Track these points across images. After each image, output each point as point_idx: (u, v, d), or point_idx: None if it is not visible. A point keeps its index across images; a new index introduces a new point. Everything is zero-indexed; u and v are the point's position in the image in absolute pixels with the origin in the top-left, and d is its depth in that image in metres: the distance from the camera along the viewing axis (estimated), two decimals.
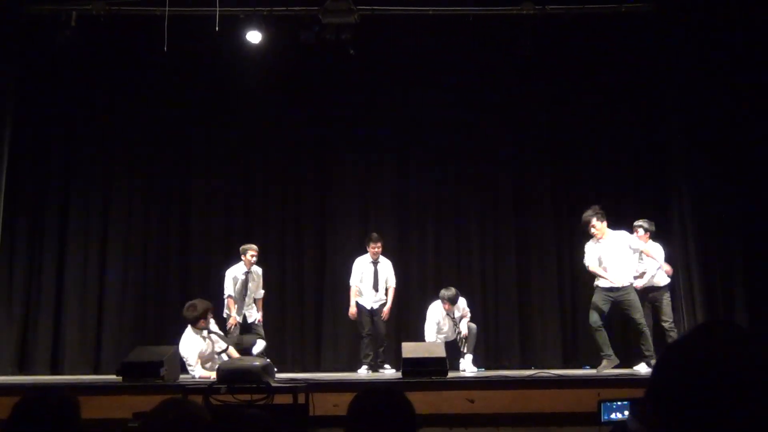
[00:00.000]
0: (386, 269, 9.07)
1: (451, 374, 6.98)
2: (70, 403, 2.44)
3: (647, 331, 7.81)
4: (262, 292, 8.95)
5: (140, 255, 10.00)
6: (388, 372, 8.70)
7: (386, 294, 9.05)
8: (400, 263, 9.69)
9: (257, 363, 5.37)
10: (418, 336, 8.78)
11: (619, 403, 4.04)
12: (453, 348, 8.46)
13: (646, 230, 8.28)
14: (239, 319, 8.69)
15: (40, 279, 9.74)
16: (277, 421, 1.98)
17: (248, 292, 8.76)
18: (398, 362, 7.86)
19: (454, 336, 8.67)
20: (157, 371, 6.67)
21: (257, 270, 8.89)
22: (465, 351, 8.56)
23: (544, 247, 10.03)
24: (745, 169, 9.17)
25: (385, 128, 10.28)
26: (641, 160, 10.10)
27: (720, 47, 9.14)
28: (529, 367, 9.06)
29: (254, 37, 9.24)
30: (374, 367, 8.81)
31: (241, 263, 8.78)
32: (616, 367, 7.78)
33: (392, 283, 9.08)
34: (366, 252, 9.07)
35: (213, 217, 10.21)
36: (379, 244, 8.95)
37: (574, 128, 10.18)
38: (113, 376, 7.27)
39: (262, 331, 8.77)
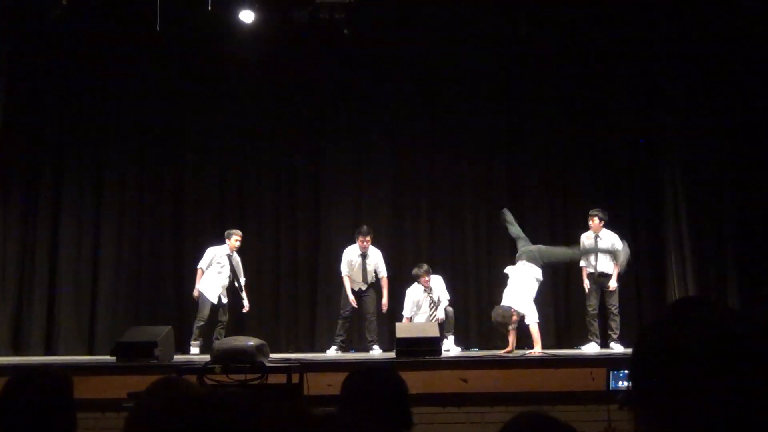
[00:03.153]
0: (375, 259, 9.01)
1: None
2: (62, 382, 2.44)
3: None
4: (243, 279, 9.05)
5: (134, 236, 9.98)
6: (377, 353, 8.73)
7: (380, 284, 9.02)
8: (393, 248, 9.70)
9: (252, 343, 5.38)
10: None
11: (627, 372, 4.18)
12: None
13: (600, 219, 8.46)
14: (214, 299, 8.82)
15: (33, 259, 9.72)
16: (269, 400, 1.98)
17: (226, 275, 8.88)
18: (392, 343, 7.89)
19: (432, 317, 8.71)
20: (152, 351, 6.68)
21: (237, 257, 8.99)
22: (445, 332, 8.61)
23: (538, 230, 10.03)
24: (738, 155, 9.23)
25: (378, 110, 10.25)
26: (636, 147, 10.08)
27: (715, 35, 9.15)
28: (521, 348, 9.10)
29: (247, 16, 9.17)
30: (345, 348, 8.87)
31: (225, 245, 8.89)
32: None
33: (383, 273, 9.01)
34: (355, 242, 9.02)
35: (206, 198, 10.19)
36: (368, 238, 8.87)
37: (569, 114, 10.16)
38: (107, 357, 7.28)
39: (225, 318, 8.88)
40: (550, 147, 10.24)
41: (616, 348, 8.19)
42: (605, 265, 8.46)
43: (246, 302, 9.06)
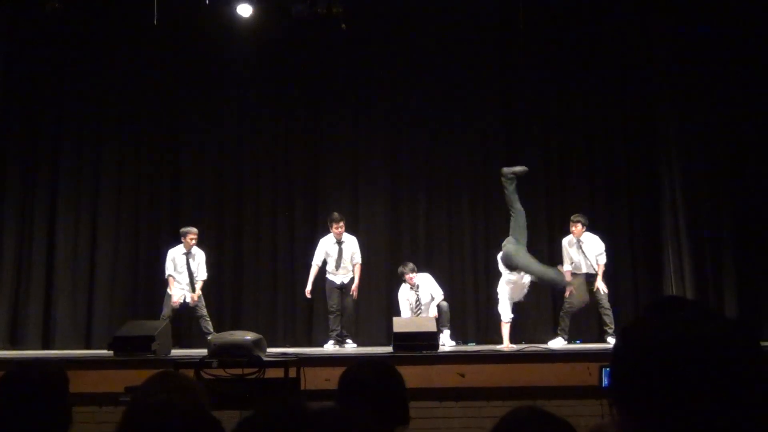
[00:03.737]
0: (351, 246, 8.98)
1: None
2: (57, 376, 2.43)
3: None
4: (204, 274, 8.98)
5: (131, 230, 9.98)
6: (350, 347, 8.75)
7: (353, 271, 8.98)
8: (390, 237, 9.69)
9: (249, 337, 5.38)
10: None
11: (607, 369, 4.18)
12: None
13: (583, 225, 8.61)
14: (180, 300, 8.80)
15: (30, 253, 9.71)
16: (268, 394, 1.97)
17: (191, 273, 8.86)
18: (389, 337, 7.89)
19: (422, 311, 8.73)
20: (149, 345, 6.68)
21: (199, 252, 8.97)
22: (441, 327, 8.62)
23: (536, 222, 10.03)
24: (736, 151, 9.24)
25: (375, 103, 10.25)
26: (633, 140, 10.06)
27: (713, 28, 9.16)
28: (519, 342, 9.11)
29: (245, 10, 9.16)
30: (340, 342, 8.84)
31: (181, 245, 8.88)
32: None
33: (358, 259, 8.98)
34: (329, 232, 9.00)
35: (204, 190, 10.19)
36: (341, 224, 8.85)
37: (567, 103, 10.15)
38: (105, 351, 7.27)
39: (204, 311, 8.87)
40: (548, 141, 10.22)
41: (612, 342, 8.18)
42: (589, 267, 8.60)
43: (193, 296, 8.85)
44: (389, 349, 7.13)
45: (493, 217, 10.12)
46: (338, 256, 8.87)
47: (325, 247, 8.93)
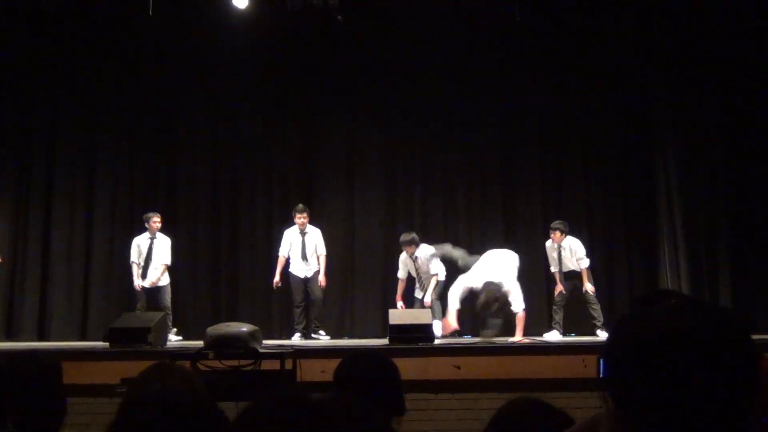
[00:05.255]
0: (314, 238, 9.04)
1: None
2: (51, 368, 2.42)
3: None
4: (167, 258, 9.02)
5: (127, 222, 9.95)
6: (323, 338, 8.78)
7: (318, 262, 9.04)
8: (386, 232, 9.69)
9: (245, 329, 5.38)
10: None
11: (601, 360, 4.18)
12: None
13: (562, 232, 8.78)
14: (143, 283, 8.87)
15: (26, 244, 9.71)
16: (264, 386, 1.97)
17: (152, 258, 8.93)
18: (384, 329, 7.89)
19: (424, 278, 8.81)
20: (145, 337, 6.67)
21: (164, 237, 9.03)
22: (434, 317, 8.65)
23: (531, 217, 10.05)
24: (732, 147, 9.25)
25: (371, 96, 10.22)
26: (629, 134, 10.05)
27: (710, 25, 9.17)
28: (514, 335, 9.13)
29: (240, 2, 9.12)
30: (306, 334, 8.89)
31: (146, 232, 8.97)
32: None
33: (322, 251, 9.04)
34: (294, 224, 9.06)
35: (199, 182, 10.17)
36: (304, 215, 8.94)
37: (563, 99, 10.13)
38: (100, 343, 7.27)
39: (167, 299, 8.92)
40: (544, 135, 10.21)
41: (602, 335, 8.39)
42: (571, 264, 8.76)
43: (152, 281, 8.90)
44: (385, 341, 7.14)
45: (488, 212, 10.13)
46: (302, 247, 8.95)
47: (289, 238, 9.01)
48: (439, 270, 8.80)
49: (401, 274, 8.96)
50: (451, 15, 9.75)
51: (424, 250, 8.83)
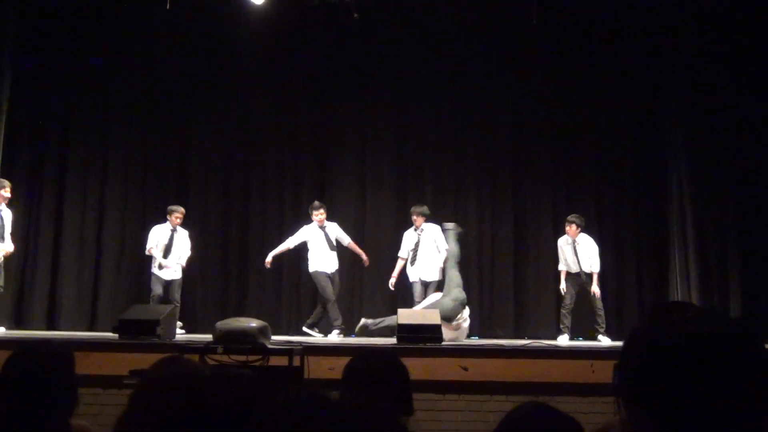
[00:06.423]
0: (334, 231, 9.16)
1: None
2: (64, 357, 2.44)
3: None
4: (188, 253, 9.16)
5: (138, 215, 10.00)
6: (316, 336, 8.79)
7: (350, 247, 9.20)
8: (396, 231, 9.68)
9: (254, 324, 5.38)
10: (413, 302, 8.79)
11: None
12: None
13: (578, 226, 8.74)
14: (164, 276, 8.97)
15: (37, 235, 9.76)
16: (271, 382, 1.97)
17: (172, 251, 9.00)
18: (393, 328, 7.89)
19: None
20: (154, 329, 6.69)
21: (183, 231, 9.13)
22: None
23: (541, 219, 10.03)
24: (744, 152, 9.19)
25: (384, 94, 10.24)
26: (641, 140, 10.02)
27: (722, 20, 9.09)
28: (522, 338, 9.12)
29: None
30: (345, 330, 8.91)
31: (167, 223, 9.02)
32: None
33: (347, 239, 9.22)
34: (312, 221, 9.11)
35: (210, 175, 10.21)
36: (321, 211, 9.03)
37: (575, 99, 10.13)
38: (109, 333, 7.30)
39: (178, 293, 9.00)
40: (555, 139, 10.20)
41: (604, 341, 8.46)
42: (582, 263, 8.76)
43: (165, 274, 9.04)
44: (393, 340, 7.13)
45: (499, 212, 10.11)
46: (326, 240, 9.02)
47: (308, 234, 9.05)
48: (443, 246, 8.81)
49: (403, 252, 9.01)
50: (466, 15, 9.74)
51: (430, 227, 8.88)
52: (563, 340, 8.55)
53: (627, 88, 10.00)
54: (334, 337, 8.71)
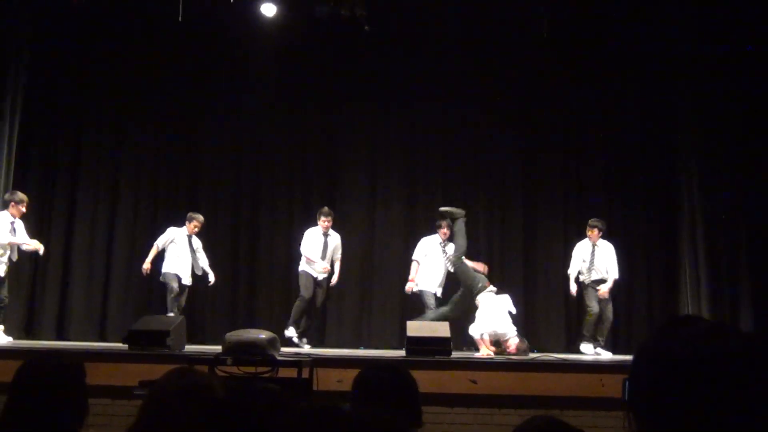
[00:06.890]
0: (335, 242, 9.19)
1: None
2: (74, 367, 2.45)
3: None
4: (203, 260, 9.23)
5: (148, 225, 10.04)
6: (305, 347, 8.72)
7: (332, 266, 9.17)
8: (406, 244, 9.69)
9: (263, 336, 5.40)
10: (424, 312, 8.77)
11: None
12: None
13: (600, 230, 8.69)
14: (189, 282, 9.05)
15: (47, 245, 9.77)
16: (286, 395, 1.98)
17: (192, 257, 9.10)
18: (401, 340, 7.89)
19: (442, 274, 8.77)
20: (164, 340, 6.71)
21: (198, 241, 9.19)
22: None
23: (552, 231, 10.01)
24: (757, 165, 9.14)
25: (394, 105, 10.26)
26: (653, 152, 10.00)
27: (733, 30, 9.07)
28: (532, 351, 9.08)
29: (269, 9, 9.22)
30: (302, 335, 8.94)
31: (185, 228, 9.08)
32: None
33: (339, 255, 9.24)
34: (316, 224, 9.17)
35: (221, 186, 10.27)
36: (329, 218, 9.09)
37: (586, 109, 10.14)
38: (119, 344, 7.32)
39: (183, 300, 9.06)
40: (567, 150, 10.20)
41: (604, 354, 8.43)
42: (598, 273, 8.71)
43: (211, 277, 9.23)
44: (402, 352, 7.12)
45: (508, 223, 10.10)
46: (323, 247, 9.08)
47: (312, 238, 9.11)
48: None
49: (420, 257, 8.89)
50: (479, 29, 9.76)
51: (451, 247, 8.82)
52: (587, 349, 8.53)
53: (639, 101, 9.99)
54: (292, 333, 8.77)
